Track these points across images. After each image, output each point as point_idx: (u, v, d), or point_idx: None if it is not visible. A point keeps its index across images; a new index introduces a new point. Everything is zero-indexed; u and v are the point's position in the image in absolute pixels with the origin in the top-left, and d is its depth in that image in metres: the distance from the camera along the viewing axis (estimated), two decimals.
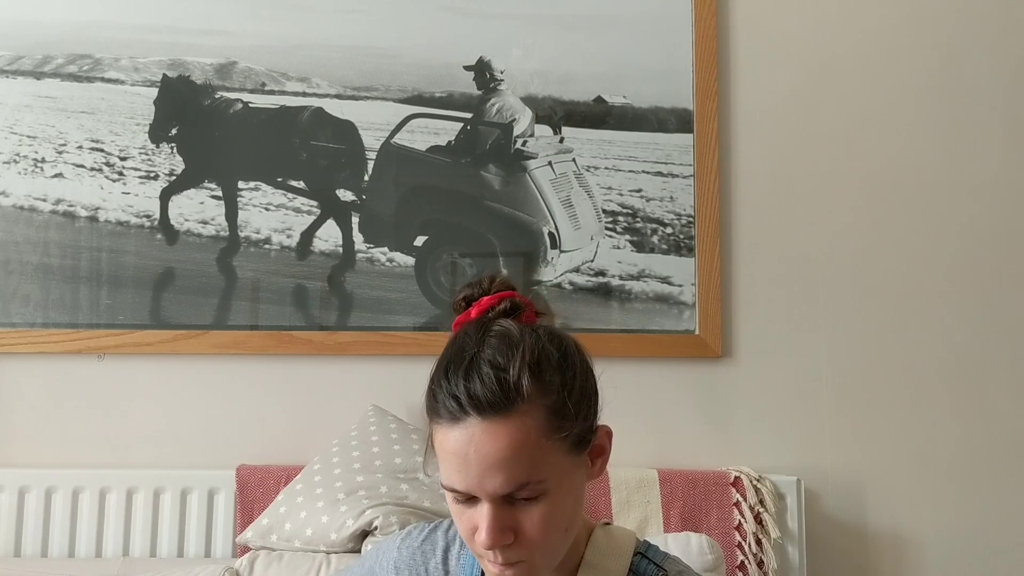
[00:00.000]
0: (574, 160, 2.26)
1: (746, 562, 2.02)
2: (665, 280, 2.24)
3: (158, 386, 2.16)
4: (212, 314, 2.18)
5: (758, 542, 2.04)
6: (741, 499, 2.06)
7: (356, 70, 2.25)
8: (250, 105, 2.23)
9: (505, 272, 2.21)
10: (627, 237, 2.25)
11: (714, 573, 1.88)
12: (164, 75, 2.23)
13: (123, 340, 2.16)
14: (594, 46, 2.28)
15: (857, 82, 2.30)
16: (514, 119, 2.25)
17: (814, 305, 2.25)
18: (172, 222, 2.20)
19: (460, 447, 1.01)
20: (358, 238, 2.22)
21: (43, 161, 2.20)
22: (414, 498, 1.86)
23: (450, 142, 2.24)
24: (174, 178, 2.21)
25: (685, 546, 1.88)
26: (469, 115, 2.25)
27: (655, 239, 2.25)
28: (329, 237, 2.22)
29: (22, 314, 2.16)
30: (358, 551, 1.82)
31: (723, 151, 2.26)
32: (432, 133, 2.24)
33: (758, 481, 2.08)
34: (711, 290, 2.22)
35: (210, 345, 2.16)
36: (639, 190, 2.26)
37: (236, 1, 2.25)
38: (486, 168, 2.23)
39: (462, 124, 2.24)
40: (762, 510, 2.05)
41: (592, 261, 2.24)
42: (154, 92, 2.22)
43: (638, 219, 2.26)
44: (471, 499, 1.03)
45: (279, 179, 2.22)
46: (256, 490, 2.02)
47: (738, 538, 2.03)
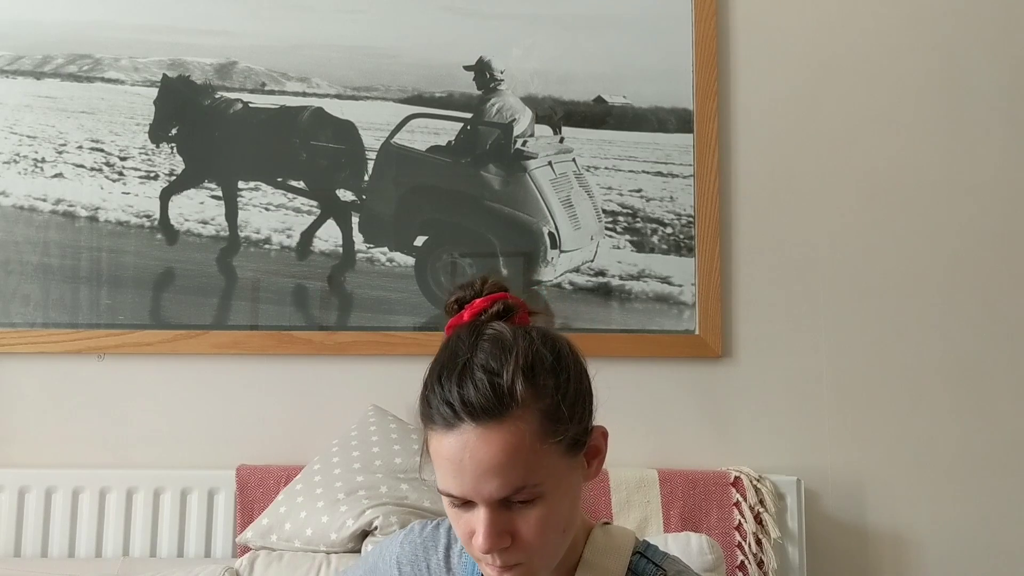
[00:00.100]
0: (574, 160, 2.26)
1: (746, 562, 2.02)
2: (665, 280, 2.24)
3: (158, 386, 2.16)
4: (212, 314, 2.18)
5: (758, 542, 2.04)
6: (741, 499, 2.06)
7: (356, 70, 2.25)
8: (250, 105, 2.23)
9: (505, 272, 2.21)
10: (627, 237, 2.25)
11: (714, 573, 1.88)
12: (164, 75, 2.23)
13: (123, 340, 2.16)
14: (594, 46, 2.28)
15: (857, 82, 2.30)
16: (514, 119, 2.25)
17: (814, 305, 2.25)
18: (172, 222, 2.20)
19: (455, 453, 1.00)
20: (358, 238, 2.22)
21: (43, 161, 2.20)
22: (414, 498, 1.86)
23: (450, 142, 2.24)
24: (174, 178, 2.21)
25: (685, 546, 1.88)
26: (469, 115, 2.25)
27: (655, 239, 2.25)
28: (329, 237, 2.22)
29: (22, 314, 2.16)
30: (358, 551, 1.82)
31: (723, 151, 2.26)
32: (432, 133, 2.24)
33: (758, 481, 2.08)
34: (711, 290, 2.22)
35: (210, 345, 2.16)
36: (639, 190, 2.26)
37: (236, 1, 2.25)
38: (486, 168, 2.23)
39: (462, 124, 2.24)
40: (762, 510, 2.05)
41: (592, 261, 2.24)
42: (154, 92, 2.23)
43: (638, 219, 2.26)
44: (467, 503, 1.03)
45: (279, 179, 2.22)
46: (256, 490, 2.02)
47: (738, 538, 2.03)
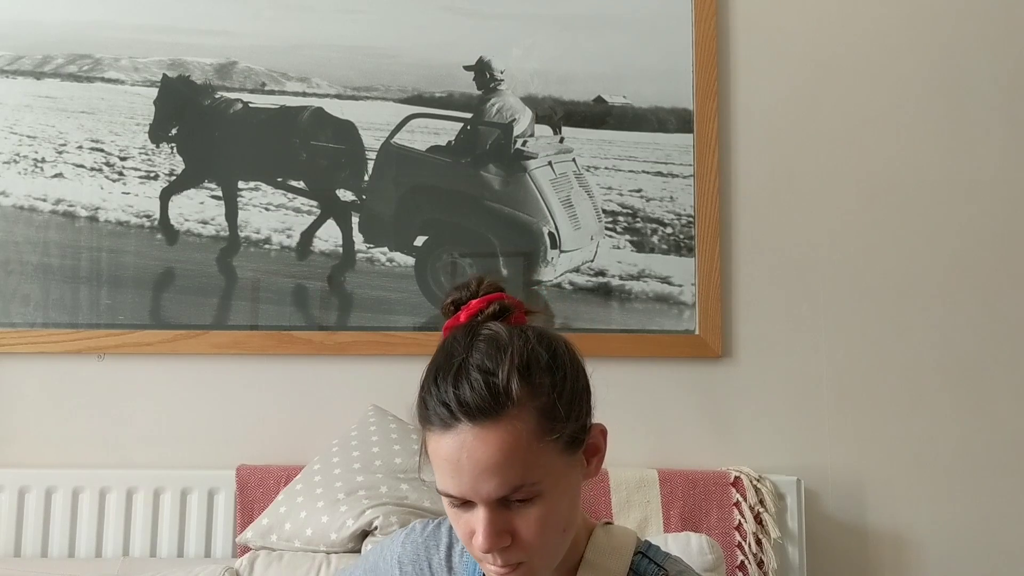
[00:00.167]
0: (574, 160, 2.26)
1: (746, 562, 2.02)
2: (665, 280, 2.24)
3: (158, 386, 2.16)
4: (212, 314, 2.18)
5: (758, 542, 2.04)
6: (741, 499, 2.06)
7: (356, 70, 2.25)
8: (250, 105, 2.23)
9: (505, 272, 2.21)
10: (627, 237, 2.25)
11: (714, 573, 1.88)
12: (164, 75, 2.23)
13: (123, 340, 2.16)
14: (594, 46, 2.28)
15: (857, 82, 2.30)
16: (514, 119, 2.25)
17: (814, 305, 2.25)
18: (172, 222, 2.20)
19: (452, 453, 1.00)
20: (358, 238, 2.22)
21: (43, 161, 2.20)
22: (414, 498, 1.86)
23: (450, 142, 2.24)
24: (174, 178, 2.21)
25: (685, 546, 1.88)
26: (469, 115, 2.25)
27: (655, 239, 2.25)
28: (329, 237, 2.22)
29: (22, 314, 2.16)
30: (358, 551, 1.82)
31: (723, 151, 2.26)
32: (432, 133, 2.24)
33: (758, 481, 2.08)
34: (711, 290, 2.22)
35: (210, 345, 2.16)
36: (639, 190, 2.26)
37: (236, 1, 2.25)
38: (486, 168, 2.23)
39: (462, 124, 2.24)
40: (762, 510, 2.05)
41: (592, 261, 2.24)
42: (154, 92, 2.22)
43: (638, 219, 2.26)
44: (467, 503, 1.03)
45: (279, 179, 2.22)
46: (256, 490, 2.02)
47: (738, 538, 2.03)
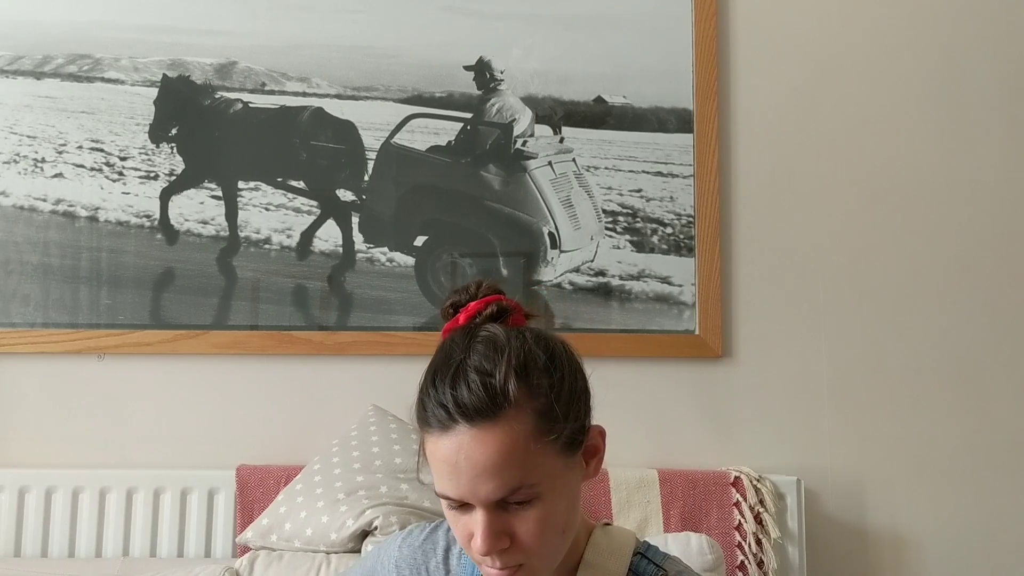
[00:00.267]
0: (574, 160, 2.26)
1: (746, 562, 2.02)
2: (665, 280, 2.24)
3: (158, 386, 2.16)
4: (212, 314, 2.18)
5: (758, 542, 2.04)
6: (741, 499, 2.06)
7: (356, 70, 2.25)
8: (250, 105, 2.23)
9: (505, 273, 2.21)
10: (627, 237, 2.25)
11: (714, 573, 1.88)
12: (164, 75, 2.23)
13: (123, 340, 2.16)
14: (594, 46, 2.28)
15: (857, 82, 2.30)
16: (514, 119, 2.25)
17: (814, 305, 2.25)
18: (172, 222, 2.20)
19: (450, 455, 1.00)
20: (358, 238, 2.22)
21: (43, 161, 2.20)
22: (414, 498, 1.86)
23: (450, 142, 2.24)
24: (174, 178, 2.21)
25: (685, 546, 1.88)
26: (469, 115, 2.25)
27: (655, 239, 2.25)
28: (329, 237, 2.22)
29: (22, 314, 2.16)
30: (358, 551, 1.82)
31: (723, 151, 2.26)
32: (432, 133, 2.24)
33: (758, 481, 2.08)
34: (711, 290, 2.22)
35: (210, 345, 2.16)
36: (639, 190, 2.26)
37: (236, 1, 2.25)
38: (486, 168, 2.23)
39: (462, 124, 2.24)
40: (762, 510, 2.05)
41: (592, 261, 2.24)
42: (154, 92, 2.22)
43: (638, 219, 2.26)
44: (465, 505, 1.02)
45: (279, 179, 2.22)
46: (256, 490, 2.02)
47: (738, 538, 2.03)
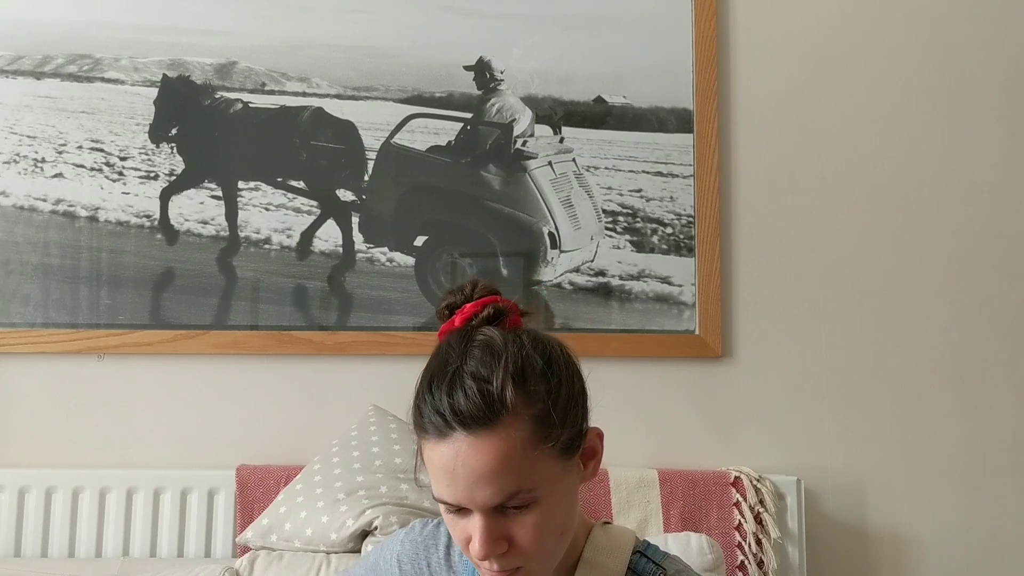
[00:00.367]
0: (574, 160, 2.26)
1: (746, 562, 2.02)
2: (665, 280, 2.24)
3: (158, 386, 2.16)
4: (212, 314, 2.18)
5: (758, 542, 2.04)
6: (741, 499, 2.06)
7: (356, 70, 2.25)
8: (250, 105, 2.23)
9: (505, 273, 2.21)
10: (627, 237, 2.25)
11: (714, 573, 1.88)
12: (164, 75, 2.23)
13: (123, 340, 2.16)
14: (594, 46, 2.28)
15: (857, 82, 2.30)
16: (514, 119, 2.25)
17: (814, 305, 2.25)
18: (172, 222, 2.20)
19: (447, 462, 1.00)
20: (358, 238, 2.22)
21: (43, 161, 2.20)
22: (414, 498, 1.86)
23: (450, 142, 2.24)
24: (174, 178, 2.21)
25: (685, 546, 1.88)
26: (469, 115, 2.25)
27: (655, 239, 2.25)
28: (329, 237, 2.22)
29: (22, 314, 2.16)
30: (358, 551, 1.82)
31: (723, 151, 2.26)
32: (432, 133, 2.24)
33: (758, 481, 2.08)
34: (711, 290, 2.22)
35: (210, 345, 2.16)
36: (639, 190, 2.26)
37: (236, 1, 2.25)
38: (486, 168, 2.23)
39: (462, 124, 2.24)
40: (762, 510, 2.05)
41: (592, 261, 2.24)
42: (154, 92, 2.23)
43: (638, 219, 2.26)
44: (463, 510, 1.02)
45: (279, 179, 2.22)
46: (256, 490, 2.02)
47: (738, 538, 2.03)
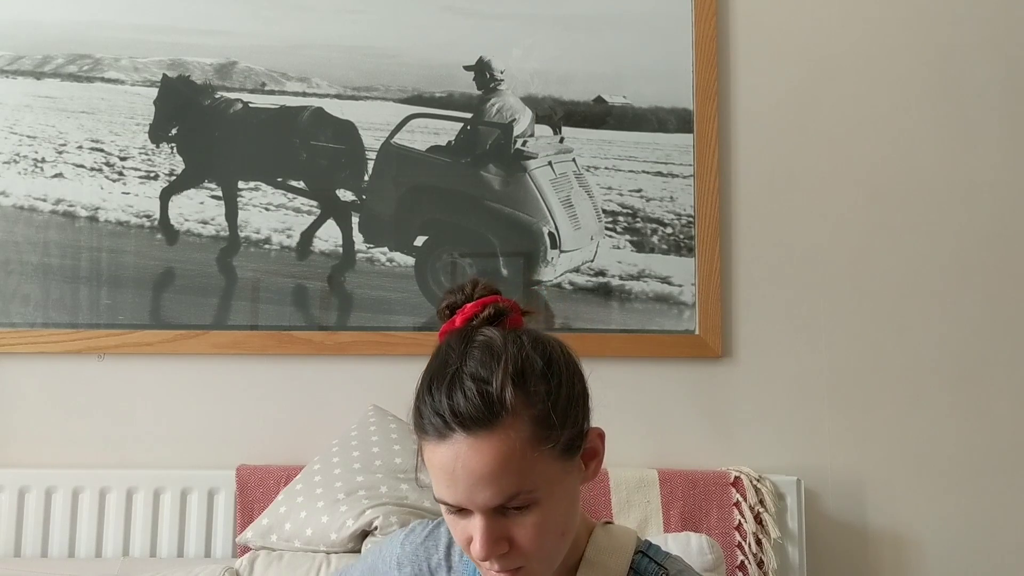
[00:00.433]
0: (574, 160, 2.26)
1: (746, 562, 2.02)
2: (665, 280, 2.24)
3: (158, 386, 2.16)
4: (212, 314, 2.18)
5: (758, 542, 2.04)
6: (741, 499, 2.06)
7: (356, 70, 2.25)
8: (250, 105, 2.23)
9: (505, 273, 2.21)
10: (627, 237, 2.25)
11: (714, 573, 1.88)
12: (164, 75, 2.23)
13: (123, 340, 2.16)
14: (594, 46, 2.28)
15: (857, 82, 2.30)
16: (514, 119, 2.25)
17: (814, 305, 2.25)
18: (172, 222, 2.20)
19: (447, 463, 1.00)
20: (358, 238, 2.22)
21: (43, 161, 2.20)
22: (414, 498, 1.86)
23: (450, 142, 2.24)
24: (174, 178, 2.21)
25: (685, 546, 1.88)
26: (469, 115, 2.25)
27: (655, 239, 2.25)
28: (329, 237, 2.21)
29: (22, 314, 2.16)
30: (358, 551, 1.82)
31: (723, 151, 2.27)
32: (432, 133, 2.24)
33: (758, 481, 2.08)
34: (711, 290, 2.22)
35: (210, 345, 2.16)
36: (639, 190, 2.26)
37: (236, 1, 2.25)
38: (486, 168, 2.23)
39: (462, 124, 2.24)
40: (762, 510, 2.05)
41: (592, 261, 2.24)
42: (154, 92, 2.22)
43: (638, 219, 2.26)
44: (463, 510, 1.02)
45: (279, 179, 2.22)
46: (256, 490, 2.02)
47: (738, 538, 2.03)
